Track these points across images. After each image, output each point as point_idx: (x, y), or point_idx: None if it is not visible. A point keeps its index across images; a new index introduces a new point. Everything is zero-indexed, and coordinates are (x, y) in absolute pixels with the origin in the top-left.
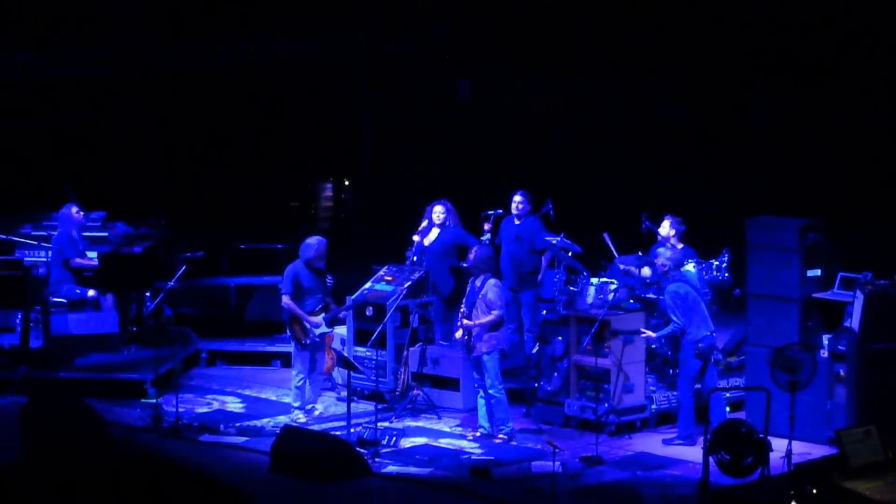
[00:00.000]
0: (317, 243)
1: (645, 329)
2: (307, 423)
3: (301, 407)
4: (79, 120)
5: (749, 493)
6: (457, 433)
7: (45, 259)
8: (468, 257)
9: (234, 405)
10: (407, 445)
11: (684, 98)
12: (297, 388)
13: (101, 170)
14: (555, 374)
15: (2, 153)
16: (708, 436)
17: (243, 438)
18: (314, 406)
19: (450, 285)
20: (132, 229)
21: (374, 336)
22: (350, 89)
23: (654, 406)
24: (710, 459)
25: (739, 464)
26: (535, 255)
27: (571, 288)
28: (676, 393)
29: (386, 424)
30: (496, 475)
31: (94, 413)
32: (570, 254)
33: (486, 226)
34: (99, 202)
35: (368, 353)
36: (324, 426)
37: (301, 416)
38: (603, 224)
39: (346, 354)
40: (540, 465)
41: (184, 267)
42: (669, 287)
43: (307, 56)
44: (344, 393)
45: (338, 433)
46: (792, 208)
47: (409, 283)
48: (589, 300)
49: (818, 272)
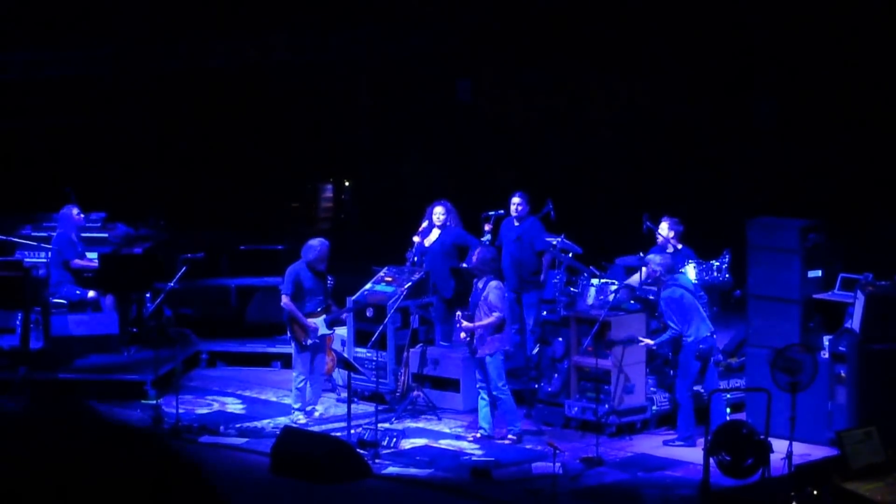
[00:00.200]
0: (319, 245)
1: (643, 338)
2: (307, 425)
3: (301, 408)
4: (79, 120)
5: (750, 495)
6: (457, 433)
7: (45, 260)
8: (470, 258)
9: (235, 406)
10: (407, 447)
11: (685, 98)
12: (298, 390)
13: (101, 171)
14: (555, 375)
15: (2, 154)
16: (708, 437)
17: (243, 440)
18: (314, 407)
19: (450, 286)
20: (132, 230)
21: (375, 337)
22: (350, 90)
23: (655, 407)
24: (711, 461)
25: (740, 465)
26: (537, 257)
27: (572, 289)
28: (675, 394)
29: (386, 426)
30: (496, 476)
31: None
32: (571, 255)
33: (487, 227)
34: (99, 203)
35: (369, 355)
36: (324, 427)
37: (301, 418)
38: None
39: (347, 355)
40: (540, 467)
41: (184, 268)
42: (663, 293)
43: (307, 57)
44: (344, 394)
45: (338, 434)
46: (792, 209)
47: (410, 284)
48: (589, 301)
49: (819, 273)
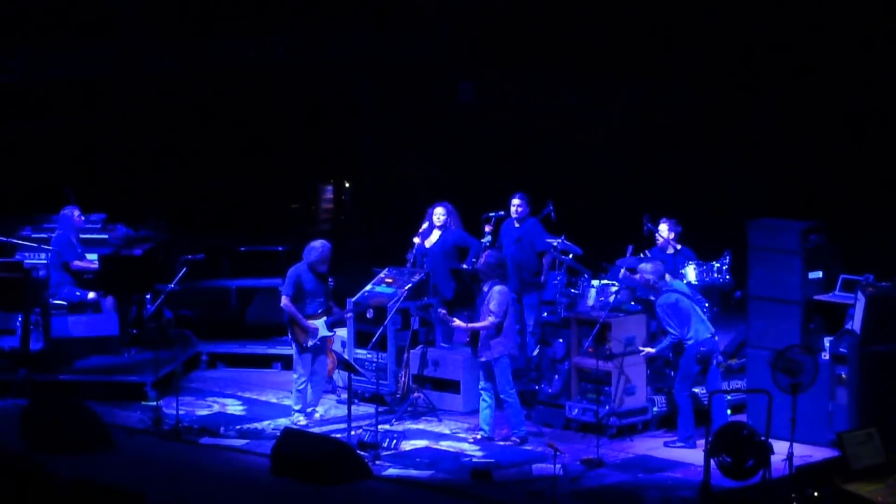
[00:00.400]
0: (321, 247)
1: (644, 347)
2: (307, 426)
3: (302, 410)
4: (79, 122)
5: (750, 496)
6: (458, 435)
7: (45, 261)
8: (470, 260)
9: (235, 408)
10: (407, 448)
11: (686, 100)
12: (299, 391)
13: (101, 172)
14: (555, 377)
15: (2, 155)
16: (709, 438)
17: (244, 441)
18: (314, 409)
19: (451, 287)
20: (132, 231)
21: (375, 338)
22: (351, 91)
23: (656, 408)
24: (712, 462)
25: (741, 466)
26: (537, 258)
27: (572, 290)
28: (674, 396)
29: (386, 427)
30: (497, 478)
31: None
32: (571, 256)
33: (487, 228)
34: (99, 204)
35: (369, 356)
36: (324, 429)
37: (301, 419)
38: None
39: (347, 357)
40: (541, 468)
41: (184, 269)
42: (659, 300)
43: (308, 58)
44: (344, 395)
45: (338, 436)
46: (793, 210)
47: (410, 286)
48: (590, 302)
49: (819, 274)
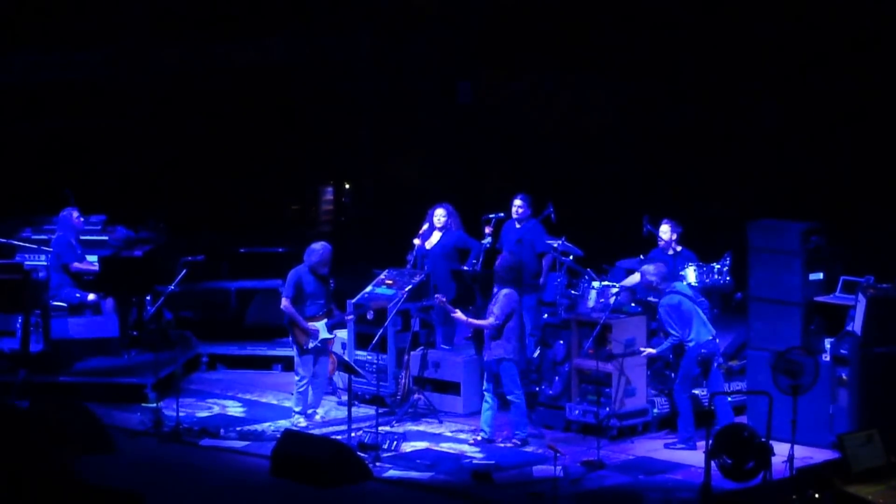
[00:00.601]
0: (321, 249)
1: (644, 348)
2: (308, 428)
3: (302, 411)
4: (78, 123)
5: (751, 498)
6: (459, 436)
7: (45, 263)
8: (471, 261)
9: (235, 409)
10: (408, 450)
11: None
12: (300, 393)
13: (102, 173)
14: (556, 378)
15: (2, 156)
16: (710, 440)
17: (244, 443)
18: (315, 410)
19: (451, 288)
20: (132, 233)
21: (375, 340)
22: (350, 92)
23: (656, 410)
24: (712, 464)
25: (741, 468)
26: (537, 259)
27: (573, 291)
28: (674, 397)
29: (387, 429)
30: (497, 479)
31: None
32: (572, 257)
33: (488, 229)
34: (99, 206)
35: (369, 357)
36: (324, 430)
37: (302, 421)
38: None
39: (347, 358)
40: (541, 470)
41: (184, 271)
42: (661, 301)
43: (307, 59)
44: (345, 397)
45: (339, 437)
46: (794, 211)
47: (410, 287)
48: (590, 304)
49: (820, 276)
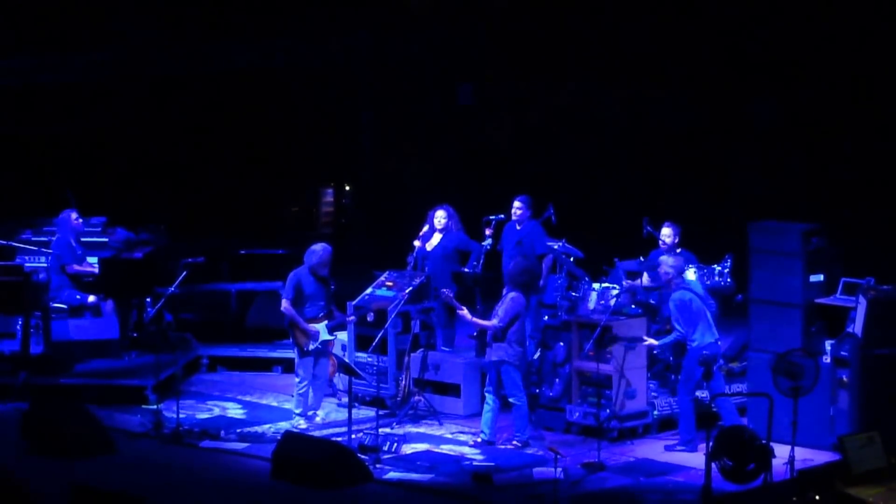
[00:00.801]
0: (321, 250)
1: (647, 337)
2: (308, 430)
3: (303, 413)
4: (79, 125)
5: (752, 500)
6: (459, 438)
7: (46, 265)
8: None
9: (235, 411)
10: (408, 451)
11: (686, 102)
12: (300, 395)
13: (102, 175)
14: (556, 380)
15: (2, 158)
16: (710, 442)
17: (244, 445)
18: (315, 412)
19: (452, 290)
20: (132, 235)
21: (376, 342)
22: (351, 94)
23: (656, 412)
24: (713, 466)
25: (742, 470)
26: (537, 261)
27: (573, 293)
28: (677, 398)
29: (387, 430)
30: (497, 481)
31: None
32: (572, 259)
33: (488, 231)
34: (99, 207)
35: (370, 359)
36: (325, 432)
37: (302, 423)
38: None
39: (348, 360)
40: (541, 472)
41: (184, 272)
42: (674, 295)
43: (308, 61)
44: (345, 399)
45: (339, 439)
46: (794, 213)
47: (411, 289)
48: (591, 306)
49: (821, 277)
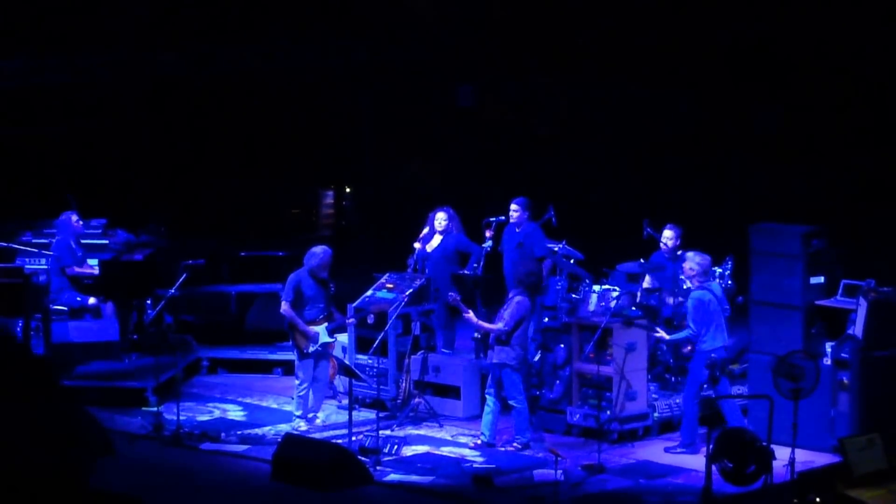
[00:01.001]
0: (322, 252)
1: (660, 329)
2: (308, 432)
3: (303, 415)
4: (79, 127)
5: (752, 502)
6: (459, 440)
7: (46, 267)
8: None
9: (236, 413)
10: (409, 454)
11: (687, 103)
12: (300, 398)
13: (102, 177)
14: (557, 382)
15: (2, 160)
16: (710, 444)
17: (244, 446)
18: (316, 414)
19: (452, 292)
20: (132, 237)
21: (376, 344)
22: (351, 96)
23: (657, 414)
24: (713, 468)
25: (742, 472)
26: (537, 263)
27: (573, 295)
28: (681, 400)
29: (387, 433)
30: (498, 484)
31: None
32: (573, 261)
33: (488, 233)
34: (99, 209)
35: (370, 361)
36: (325, 434)
37: (302, 425)
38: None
39: (348, 362)
40: (542, 474)
41: (184, 274)
42: (694, 293)
43: (308, 63)
44: (345, 401)
45: (339, 441)
46: (795, 215)
47: (411, 291)
48: (591, 308)
49: (821, 279)
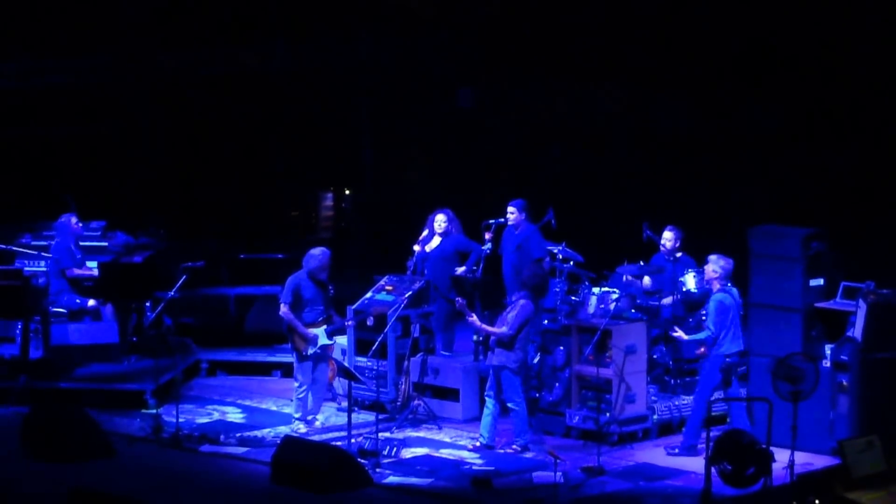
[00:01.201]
0: (320, 254)
1: (678, 329)
2: (308, 434)
3: (302, 418)
4: (78, 129)
5: None
6: (458, 442)
7: (45, 269)
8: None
9: (235, 415)
10: (408, 456)
11: (686, 106)
12: (299, 399)
13: (101, 179)
14: (556, 384)
15: (1, 162)
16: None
17: (244, 449)
18: (315, 417)
19: (451, 294)
20: (132, 239)
21: (375, 346)
22: (350, 98)
23: (656, 416)
24: (713, 470)
25: (742, 474)
26: (534, 264)
27: (573, 298)
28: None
29: (387, 435)
30: (497, 486)
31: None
32: (572, 263)
33: (487, 235)
34: (98, 211)
35: (369, 364)
36: (324, 437)
37: (302, 427)
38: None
39: (347, 365)
40: (541, 476)
41: (184, 277)
42: (716, 295)
43: (307, 64)
44: (345, 403)
45: (338, 444)
46: (794, 217)
47: (410, 293)
48: (590, 310)
49: (821, 281)
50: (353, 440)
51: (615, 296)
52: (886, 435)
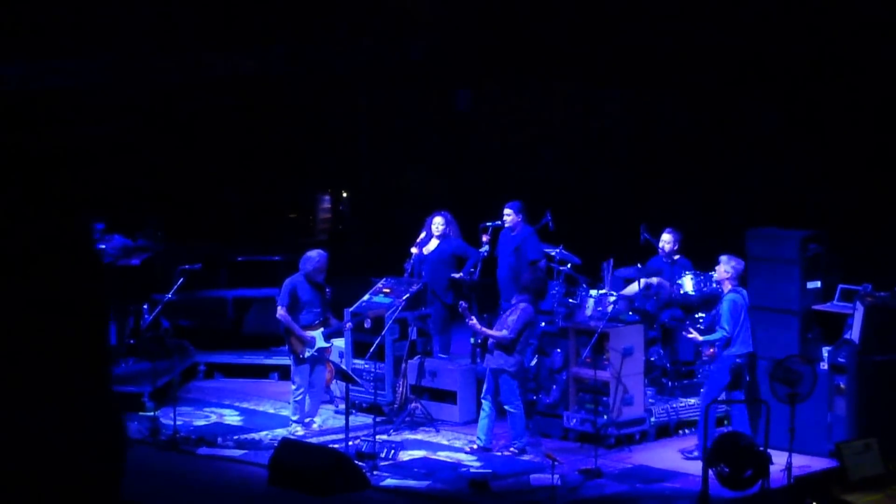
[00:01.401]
0: (317, 256)
1: (693, 330)
2: (305, 436)
3: (299, 420)
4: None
5: None
6: (456, 445)
7: None
8: (467, 269)
9: (232, 418)
10: (405, 458)
11: (684, 108)
12: (297, 402)
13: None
14: (553, 387)
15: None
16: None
17: (241, 451)
18: (312, 419)
19: (449, 296)
20: (129, 241)
21: (373, 348)
22: (348, 100)
23: (654, 419)
24: (710, 472)
25: (739, 477)
26: (529, 266)
27: (570, 300)
28: (699, 399)
29: (384, 437)
30: (494, 488)
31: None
32: (570, 265)
33: (485, 237)
34: (96, 214)
35: (367, 366)
36: (322, 439)
37: (299, 429)
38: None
39: (345, 367)
40: (539, 478)
41: (181, 279)
42: (728, 295)
43: (305, 67)
44: (342, 406)
45: (336, 446)
46: (792, 220)
47: (408, 296)
48: (588, 312)
49: (818, 284)
50: (351, 442)
51: (612, 298)
52: (884, 437)
